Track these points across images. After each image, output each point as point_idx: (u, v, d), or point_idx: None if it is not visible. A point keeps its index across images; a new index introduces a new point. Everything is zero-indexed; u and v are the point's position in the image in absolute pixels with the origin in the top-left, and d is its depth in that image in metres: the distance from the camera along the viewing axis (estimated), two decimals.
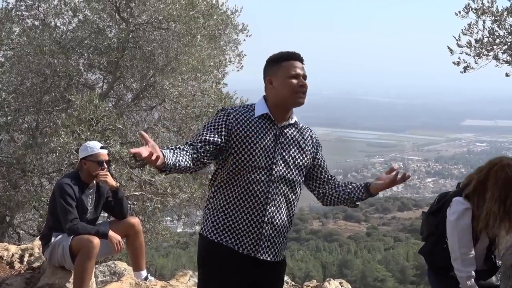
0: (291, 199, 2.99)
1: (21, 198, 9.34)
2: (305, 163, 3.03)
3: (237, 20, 10.76)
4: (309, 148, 3.07)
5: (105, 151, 4.90)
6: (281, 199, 2.94)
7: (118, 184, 5.00)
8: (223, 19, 10.30)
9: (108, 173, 4.85)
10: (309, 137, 3.10)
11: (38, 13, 10.34)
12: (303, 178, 3.06)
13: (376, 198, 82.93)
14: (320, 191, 3.16)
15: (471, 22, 7.27)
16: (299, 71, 2.93)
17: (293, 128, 3.03)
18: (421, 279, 40.47)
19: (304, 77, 2.94)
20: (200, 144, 2.79)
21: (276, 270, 3.04)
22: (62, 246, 4.65)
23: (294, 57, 2.97)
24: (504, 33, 7.21)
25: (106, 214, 5.79)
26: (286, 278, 5.80)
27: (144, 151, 2.39)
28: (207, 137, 2.82)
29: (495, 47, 7.24)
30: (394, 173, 2.95)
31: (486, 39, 7.26)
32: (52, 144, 8.57)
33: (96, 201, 4.93)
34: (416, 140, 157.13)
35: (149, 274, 5.22)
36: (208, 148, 2.81)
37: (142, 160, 2.41)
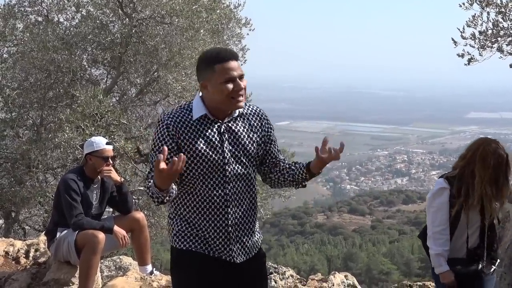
0: (251, 192, 2.88)
1: (26, 194, 9.37)
2: (257, 153, 2.89)
3: (240, 14, 10.75)
4: (259, 134, 2.90)
5: (110, 147, 4.90)
6: (241, 197, 2.83)
7: (122, 179, 5.01)
8: (226, 13, 10.27)
9: (112, 168, 4.86)
10: (258, 121, 2.91)
11: (41, 9, 10.34)
12: (256, 165, 2.93)
13: (381, 191, 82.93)
14: (267, 174, 3.02)
15: (475, 14, 7.23)
16: (233, 73, 2.70)
17: (239, 119, 2.86)
18: (426, 272, 40.45)
19: (240, 77, 2.72)
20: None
21: (255, 269, 2.95)
22: (67, 241, 4.67)
23: (227, 57, 2.72)
24: (508, 24, 7.17)
25: (111, 209, 5.80)
26: (290, 271, 5.81)
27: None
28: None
29: (499, 39, 7.20)
30: (327, 148, 2.82)
31: (490, 31, 7.23)
32: (56, 140, 8.59)
33: (101, 196, 4.94)
34: (420, 133, 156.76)
35: (154, 269, 5.24)
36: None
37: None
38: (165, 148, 2.51)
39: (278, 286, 5.48)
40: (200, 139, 2.75)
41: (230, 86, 2.69)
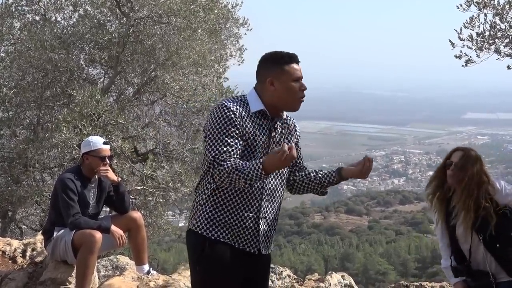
0: (281, 192, 3.06)
1: (23, 193, 9.35)
2: None
3: (237, 14, 10.74)
4: (294, 139, 3.14)
5: (107, 147, 4.90)
6: (273, 194, 3.00)
7: (119, 179, 5.01)
8: (224, 13, 10.27)
9: (109, 168, 4.85)
10: (294, 128, 3.15)
11: (38, 8, 10.32)
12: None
13: (378, 191, 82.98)
14: (291, 178, 3.21)
15: (472, 16, 7.26)
16: (300, 74, 2.97)
17: (284, 122, 3.08)
18: (422, 272, 40.52)
19: (302, 79, 2.99)
20: (237, 155, 2.85)
21: (266, 262, 3.13)
22: (64, 240, 4.67)
23: (296, 59, 2.98)
24: (505, 26, 7.20)
25: (108, 209, 5.80)
26: (287, 271, 5.82)
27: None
28: (237, 146, 2.84)
29: (496, 40, 7.23)
30: (366, 164, 3.06)
31: (487, 33, 7.26)
32: (53, 139, 8.58)
33: (98, 196, 4.94)
34: (417, 133, 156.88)
35: (151, 268, 5.23)
36: (239, 156, 2.89)
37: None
38: (285, 145, 2.65)
39: (275, 286, 5.49)
40: (255, 131, 2.90)
41: (297, 85, 2.94)
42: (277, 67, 2.93)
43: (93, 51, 10.10)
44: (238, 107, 2.90)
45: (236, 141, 2.83)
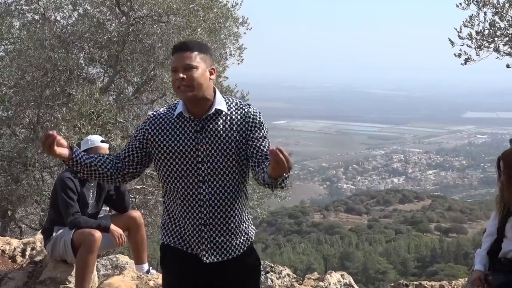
0: (230, 194, 2.78)
1: (23, 192, 9.36)
2: (238, 152, 2.77)
3: (237, 13, 10.74)
4: (242, 133, 2.77)
5: (105, 145, 4.91)
6: (218, 199, 2.76)
7: None
8: (223, 12, 10.27)
9: None
10: (242, 120, 2.78)
11: (38, 7, 10.32)
12: (239, 166, 2.79)
13: (377, 190, 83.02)
14: (252, 172, 2.83)
15: (472, 14, 7.26)
16: (175, 64, 2.72)
17: (220, 117, 2.77)
18: (422, 271, 40.56)
19: (185, 68, 2.69)
20: (124, 154, 2.86)
21: (233, 267, 2.86)
22: (64, 240, 4.66)
23: (177, 48, 2.77)
24: (505, 25, 7.20)
25: (107, 208, 5.80)
26: (287, 270, 5.81)
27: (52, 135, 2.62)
28: (129, 147, 2.86)
29: (496, 39, 7.23)
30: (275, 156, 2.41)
31: (487, 31, 7.26)
32: None
33: (98, 195, 4.94)
34: (417, 132, 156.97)
35: (151, 268, 5.23)
36: (132, 158, 2.85)
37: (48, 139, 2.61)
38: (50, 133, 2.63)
39: (275, 285, 5.49)
40: (175, 137, 2.76)
41: (173, 75, 2.73)
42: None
43: (92, 50, 10.10)
44: (160, 115, 2.84)
45: (132, 143, 2.86)
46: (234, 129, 2.77)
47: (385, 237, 51.74)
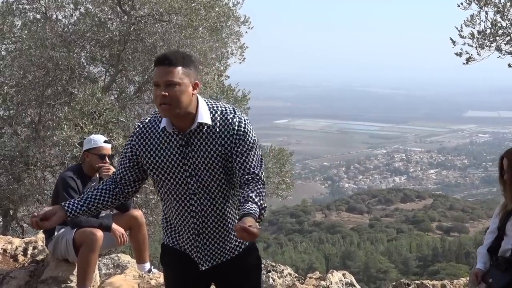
0: (221, 204, 2.78)
1: (24, 191, 9.36)
2: (223, 165, 2.72)
3: (239, 12, 10.73)
4: (226, 146, 2.70)
5: (108, 145, 4.92)
6: (209, 208, 2.76)
7: None
8: (225, 11, 10.26)
9: (111, 166, 4.87)
10: (227, 133, 2.71)
11: (39, 7, 10.31)
12: (227, 177, 2.75)
13: (379, 189, 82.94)
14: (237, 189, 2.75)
15: (473, 13, 7.23)
16: (157, 78, 2.61)
17: (204, 131, 2.70)
18: (424, 270, 40.54)
19: (166, 84, 2.59)
20: (119, 176, 2.85)
21: (235, 266, 2.89)
22: (65, 239, 4.67)
23: (160, 61, 2.64)
24: (507, 24, 7.18)
25: None
26: (289, 270, 5.81)
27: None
28: (121, 167, 2.84)
29: (497, 38, 7.21)
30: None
31: (488, 30, 7.23)
32: (55, 138, 8.58)
33: None
34: (418, 131, 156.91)
35: (152, 267, 5.24)
36: (127, 178, 2.84)
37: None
38: (45, 209, 2.69)
39: (276, 284, 5.49)
40: (161, 152, 2.72)
41: (156, 91, 2.63)
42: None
43: (94, 49, 10.09)
44: (146, 128, 2.77)
45: (124, 163, 2.83)
46: (219, 142, 2.70)
47: (386, 236, 51.76)
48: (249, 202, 2.53)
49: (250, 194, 2.57)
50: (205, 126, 2.70)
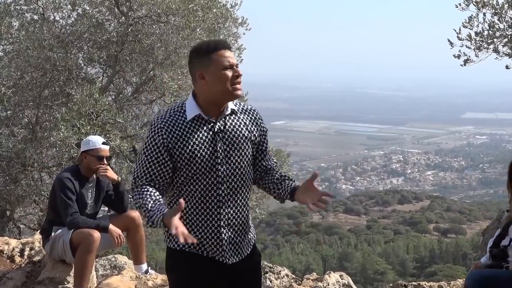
0: (245, 193, 2.84)
1: (21, 192, 9.35)
2: (252, 152, 2.85)
3: (236, 13, 10.74)
4: (254, 133, 2.85)
5: (106, 147, 4.91)
6: (235, 198, 2.79)
7: (119, 178, 5.01)
8: (223, 13, 10.26)
9: (108, 167, 4.86)
10: (252, 120, 2.86)
11: (37, 7, 10.30)
12: (251, 166, 2.87)
13: (376, 191, 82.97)
14: (257, 179, 2.97)
15: (471, 15, 7.26)
16: (232, 60, 2.69)
17: (232, 118, 2.80)
18: (421, 272, 40.57)
19: (236, 65, 2.71)
20: (158, 184, 2.73)
21: (249, 266, 2.92)
22: (62, 240, 4.67)
23: (223, 45, 2.72)
24: (504, 26, 7.20)
25: (106, 208, 5.80)
26: (286, 271, 5.81)
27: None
28: (157, 173, 2.72)
29: (495, 40, 7.23)
30: (315, 185, 2.78)
31: (486, 32, 7.26)
32: (52, 138, 8.58)
33: (96, 195, 4.94)
34: (416, 133, 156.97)
35: (149, 268, 5.23)
36: (165, 181, 2.74)
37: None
38: (182, 201, 2.45)
39: (273, 285, 5.49)
40: (194, 141, 2.70)
41: (230, 72, 2.67)
42: (203, 58, 2.69)
43: (91, 50, 10.09)
44: (170, 120, 2.72)
45: (160, 168, 2.70)
46: (245, 128, 2.82)
47: (384, 238, 51.74)
48: (289, 180, 2.92)
49: (285, 175, 2.94)
50: (233, 113, 2.80)
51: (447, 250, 45.03)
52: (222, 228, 2.76)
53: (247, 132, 2.81)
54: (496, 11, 7.14)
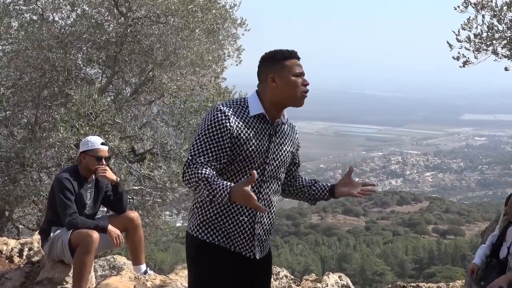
0: (278, 195, 3.08)
1: (20, 193, 9.34)
2: (290, 161, 3.12)
3: (235, 14, 10.74)
4: (295, 146, 3.14)
5: (105, 148, 4.91)
6: (270, 198, 2.99)
7: (118, 179, 5.01)
8: (222, 13, 10.26)
9: (107, 167, 4.86)
10: (293, 133, 3.15)
11: (36, 8, 10.29)
12: (285, 170, 3.13)
13: (375, 192, 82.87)
14: (285, 185, 3.22)
15: (470, 17, 7.26)
16: (302, 70, 2.95)
17: (283, 127, 3.05)
18: (419, 273, 40.57)
19: (304, 75, 2.97)
20: (212, 167, 2.79)
21: (265, 264, 3.10)
22: (61, 240, 4.66)
23: (296, 55, 2.97)
24: (503, 27, 7.20)
25: (105, 209, 5.80)
26: (285, 272, 5.82)
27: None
28: (215, 155, 2.80)
29: (494, 41, 7.23)
30: (353, 179, 3.12)
31: (485, 34, 7.25)
32: (51, 139, 8.57)
33: (95, 196, 4.94)
34: (415, 134, 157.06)
35: (148, 268, 5.23)
36: (217, 167, 2.83)
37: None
38: (254, 173, 2.61)
39: (273, 286, 5.49)
40: (252, 136, 2.86)
41: (300, 80, 2.91)
42: (277, 63, 2.92)
43: (90, 50, 10.08)
44: (234, 111, 2.87)
45: (220, 151, 2.80)
46: (290, 138, 3.09)
47: (382, 239, 51.77)
48: (320, 182, 3.26)
49: (315, 179, 3.31)
50: (283, 123, 3.05)
51: (446, 252, 45.05)
52: (256, 224, 2.92)
53: (290, 143, 3.08)
54: (495, 13, 7.14)
